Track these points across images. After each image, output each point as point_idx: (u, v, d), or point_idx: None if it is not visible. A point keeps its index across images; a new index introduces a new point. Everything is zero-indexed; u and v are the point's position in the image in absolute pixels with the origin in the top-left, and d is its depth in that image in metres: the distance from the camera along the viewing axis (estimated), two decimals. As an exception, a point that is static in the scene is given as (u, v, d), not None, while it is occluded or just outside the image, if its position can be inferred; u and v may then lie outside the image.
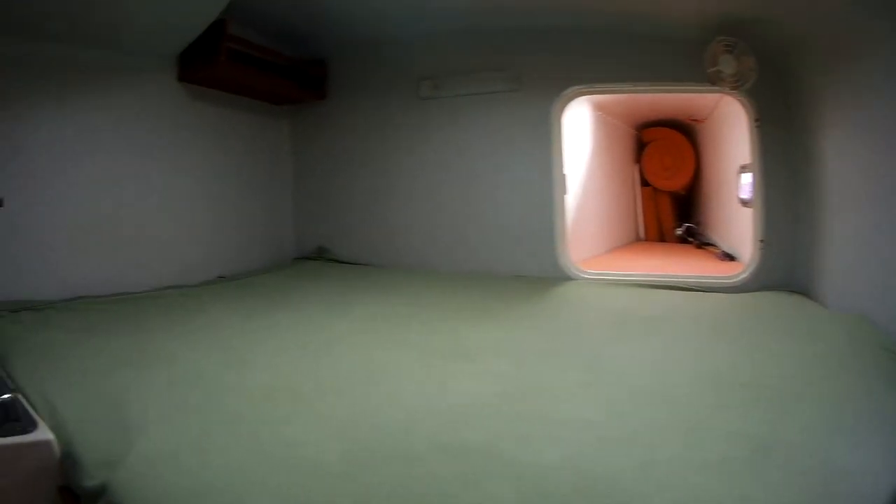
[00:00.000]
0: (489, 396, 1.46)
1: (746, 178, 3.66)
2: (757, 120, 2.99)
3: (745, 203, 3.84)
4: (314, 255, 4.01)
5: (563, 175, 3.39)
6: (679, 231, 5.74)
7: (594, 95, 3.96)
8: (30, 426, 1.30)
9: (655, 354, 1.89)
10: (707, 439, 1.20)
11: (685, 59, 2.93)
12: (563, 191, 3.41)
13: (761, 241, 3.02)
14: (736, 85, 2.79)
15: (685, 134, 5.88)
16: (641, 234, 5.94)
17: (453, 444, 1.19)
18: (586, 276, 3.31)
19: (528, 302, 2.76)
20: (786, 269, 2.94)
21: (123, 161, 2.96)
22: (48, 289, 2.56)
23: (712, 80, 2.82)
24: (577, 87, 3.29)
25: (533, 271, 3.31)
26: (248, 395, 1.51)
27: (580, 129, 4.57)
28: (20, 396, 1.43)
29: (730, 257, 4.32)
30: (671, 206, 5.96)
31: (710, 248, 5.00)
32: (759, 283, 2.98)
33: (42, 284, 2.56)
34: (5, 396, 1.41)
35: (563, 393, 1.50)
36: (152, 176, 3.11)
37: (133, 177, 3.02)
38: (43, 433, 1.28)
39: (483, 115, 3.50)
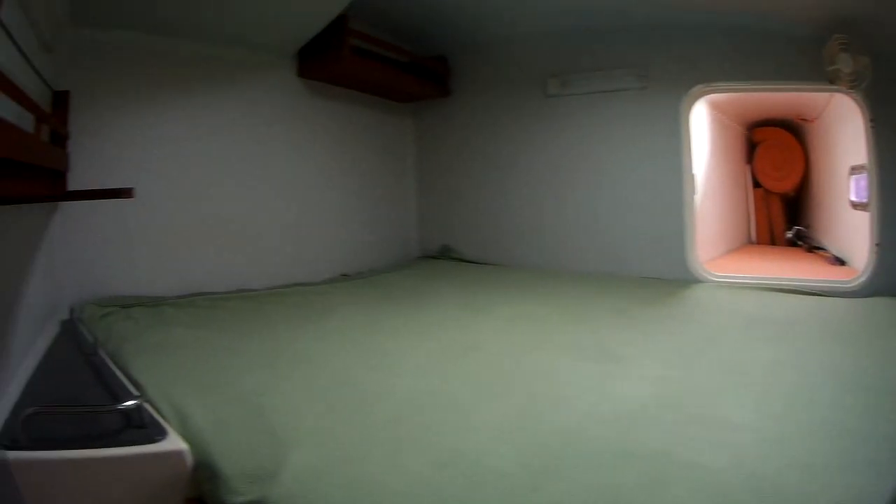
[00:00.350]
0: (647, 399, 1.42)
1: (858, 180, 3.47)
2: (872, 120, 2.84)
3: (856, 205, 3.65)
4: (438, 253, 3.98)
5: (693, 175, 3.29)
6: (789, 234, 5.51)
7: (710, 94, 3.81)
8: (157, 434, 1.20)
9: (791, 357, 1.82)
10: (858, 442, 1.18)
11: (803, 57, 2.85)
12: (693, 191, 3.30)
13: (877, 244, 2.87)
14: (853, 84, 2.68)
15: (794, 134, 5.66)
16: (753, 236, 5.76)
17: (628, 449, 1.13)
18: (714, 278, 3.20)
19: (661, 304, 2.68)
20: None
21: (246, 157, 3.01)
22: (163, 285, 2.57)
23: (831, 79, 2.72)
24: (703, 85, 3.19)
25: (661, 273, 3.22)
26: (400, 400, 1.40)
27: (698, 128, 4.41)
28: (145, 403, 1.31)
29: (840, 261, 4.08)
30: (781, 208, 5.75)
31: (820, 252, 4.77)
32: (875, 287, 2.83)
33: (157, 280, 2.57)
34: (130, 403, 1.26)
35: (715, 395, 1.46)
36: (275, 172, 3.14)
37: (255, 173, 3.04)
38: (174, 442, 1.18)
39: (610, 113, 3.43)
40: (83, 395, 1.46)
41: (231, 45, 2.87)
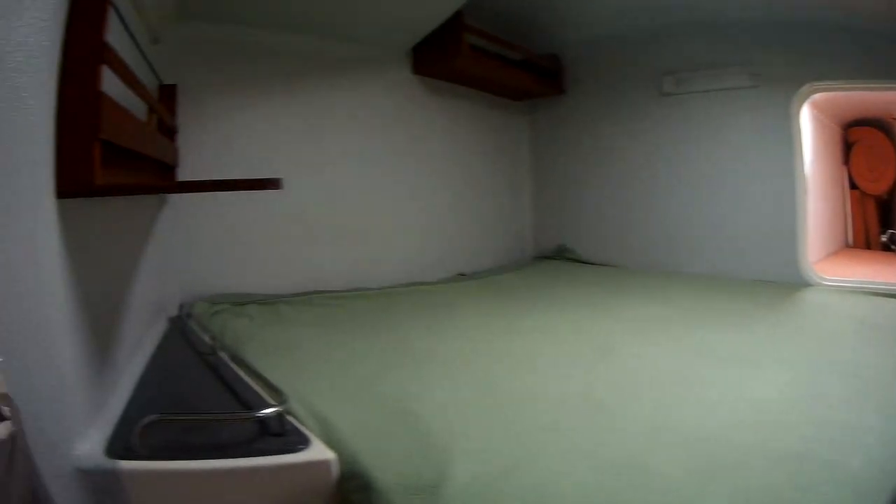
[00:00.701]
0: (781, 402, 1.36)
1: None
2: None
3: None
4: (553, 254, 3.85)
5: (805, 176, 3.11)
6: (883, 238, 5.20)
7: (820, 93, 3.59)
8: (300, 443, 1.08)
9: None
10: None
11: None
12: (805, 192, 3.11)
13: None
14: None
15: (886, 133, 5.33)
16: (850, 240, 5.45)
17: (774, 451, 1.09)
18: (826, 282, 3.00)
19: (779, 308, 2.55)
20: None
21: (360, 154, 2.91)
22: (275, 282, 2.52)
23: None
24: (813, 83, 3.00)
25: (773, 276, 3.03)
26: (551, 404, 1.31)
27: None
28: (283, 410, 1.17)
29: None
30: (876, 211, 5.43)
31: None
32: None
33: (268, 278, 2.52)
34: (271, 411, 1.14)
35: (840, 399, 1.40)
36: (389, 170, 3.05)
37: (369, 171, 2.95)
38: (319, 451, 1.06)
39: (723, 112, 3.28)
40: (203, 398, 1.35)
41: (344, 41, 2.81)
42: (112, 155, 1.08)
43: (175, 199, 2.20)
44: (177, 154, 2.07)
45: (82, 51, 0.98)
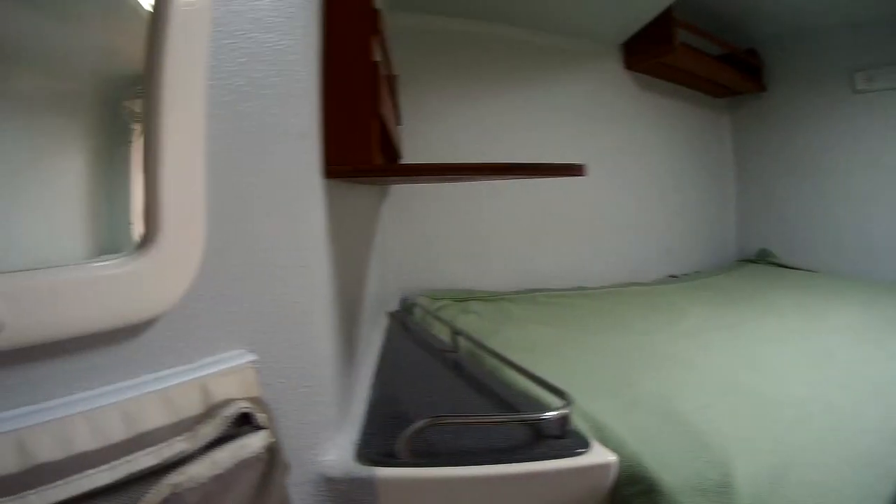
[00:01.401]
0: None
1: None
2: None
3: None
4: (756, 257, 3.61)
5: None
6: None
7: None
8: (580, 446, 0.99)
9: None
10: None
11: None
12: None
13: None
14: None
15: None
16: None
17: None
18: None
19: None
20: None
21: (577, 150, 2.81)
22: (492, 279, 2.49)
23: None
24: None
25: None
26: (794, 407, 1.22)
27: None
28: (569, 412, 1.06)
29: None
30: None
31: None
32: None
33: (486, 274, 2.50)
34: (555, 413, 1.03)
35: None
36: (605, 169, 2.93)
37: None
38: (600, 454, 0.97)
39: None
40: (453, 398, 1.25)
41: (556, 33, 2.74)
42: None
43: (393, 192, 2.17)
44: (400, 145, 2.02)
45: (352, 18, 0.87)
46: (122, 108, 0.63)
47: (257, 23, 0.72)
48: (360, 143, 0.85)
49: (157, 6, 0.59)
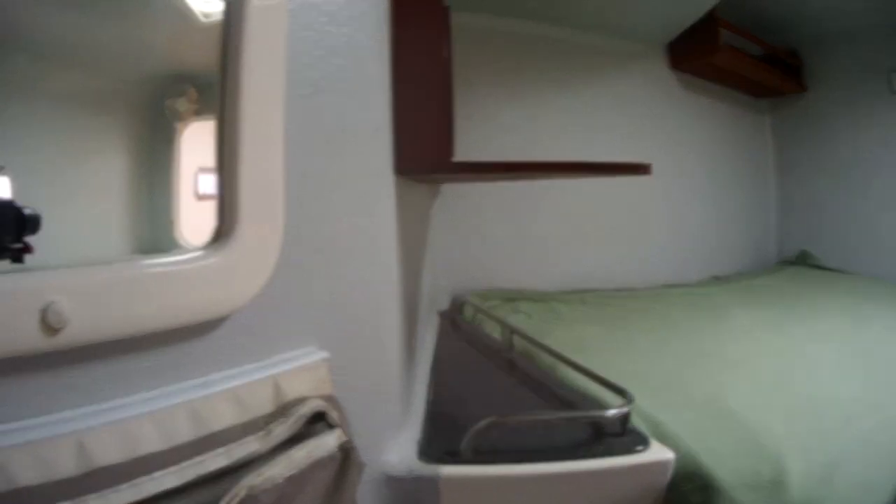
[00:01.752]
0: None
1: None
2: None
3: None
4: (796, 259, 3.54)
5: None
6: None
7: None
8: (639, 443, 0.97)
9: None
10: None
11: None
12: None
13: None
14: None
15: None
16: None
17: None
18: None
19: None
20: None
21: (624, 149, 2.76)
22: (541, 278, 2.47)
23: None
24: None
25: None
26: (841, 407, 1.23)
27: None
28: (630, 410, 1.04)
29: None
30: None
31: None
32: None
33: (533, 273, 2.48)
34: (617, 411, 1.01)
35: None
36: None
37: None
38: (659, 451, 0.95)
39: None
40: (511, 396, 1.26)
41: (603, 34, 2.70)
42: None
43: (443, 189, 2.15)
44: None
45: (424, 14, 0.84)
46: (165, 107, 0.62)
47: (332, 16, 0.70)
48: (434, 140, 0.82)
49: (233, -1, 0.57)
